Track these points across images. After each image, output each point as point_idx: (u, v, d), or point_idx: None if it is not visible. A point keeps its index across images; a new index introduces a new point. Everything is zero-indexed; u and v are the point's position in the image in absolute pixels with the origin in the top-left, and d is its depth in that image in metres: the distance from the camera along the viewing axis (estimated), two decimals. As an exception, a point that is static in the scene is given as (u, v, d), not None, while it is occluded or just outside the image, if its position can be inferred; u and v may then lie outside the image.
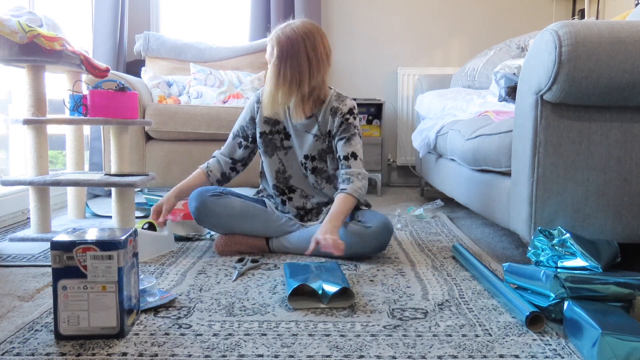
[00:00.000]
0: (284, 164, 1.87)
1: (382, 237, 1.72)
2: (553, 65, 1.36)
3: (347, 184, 1.75)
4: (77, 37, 3.19)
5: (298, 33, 1.71)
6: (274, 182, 1.89)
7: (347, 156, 1.78)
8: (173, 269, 1.62)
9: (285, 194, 1.89)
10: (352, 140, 1.79)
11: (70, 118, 2.03)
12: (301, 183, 1.88)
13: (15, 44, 1.86)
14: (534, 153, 1.46)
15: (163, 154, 2.78)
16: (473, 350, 1.05)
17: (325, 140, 1.83)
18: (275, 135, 1.86)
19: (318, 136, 1.82)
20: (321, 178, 1.86)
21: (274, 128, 1.86)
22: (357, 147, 1.80)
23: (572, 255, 1.28)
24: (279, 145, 1.86)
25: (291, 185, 1.88)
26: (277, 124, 1.86)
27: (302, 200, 1.88)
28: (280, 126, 1.86)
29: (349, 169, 1.77)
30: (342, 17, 3.75)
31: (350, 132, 1.79)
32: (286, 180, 1.88)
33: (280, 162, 1.87)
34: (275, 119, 1.85)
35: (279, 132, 1.86)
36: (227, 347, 1.06)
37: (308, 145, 1.83)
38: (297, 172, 1.88)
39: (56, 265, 1.06)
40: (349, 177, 1.76)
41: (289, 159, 1.87)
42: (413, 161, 3.63)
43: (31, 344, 1.07)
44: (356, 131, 1.81)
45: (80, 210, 2.39)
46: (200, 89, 3.06)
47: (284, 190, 1.89)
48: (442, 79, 3.34)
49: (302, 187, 1.88)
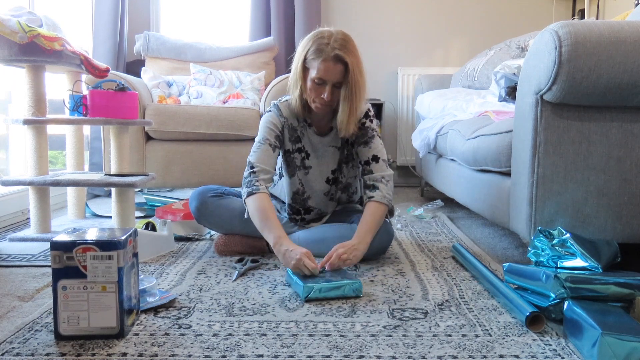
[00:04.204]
0: (304, 185, 1.80)
1: (382, 242, 1.71)
2: (553, 66, 1.36)
3: (373, 190, 1.69)
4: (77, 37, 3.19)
5: (356, 48, 1.60)
6: (290, 201, 1.83)
7: (368, 160, 1.73)
8: (173, 269, 1.62)
9: (300, 214, 1.84)
10: (372, 143, 1.73)
11: (70, 118, 2.03)
12: (319, 203, 1.83)
13: (15, 44, 1.86)
14: (534, 153, 1.46)
15: (163, 154, 2.78)
16: (473, 351, 1.05)
17: (344, 150, 1.78)
18: (295, 154, 1.78)
19: (337, 147, 1.77)
20: (337, 188, 1.83)
21: (294, 146, 1.77)
22: (377, 149, 1.73)
23: (572, 255, 1.28)
24: (299, 164, 1.78)
25: (309, 207, 1.83)
26: (298, 142, 1.77)
27: (315, 217, 1.86)
28: (300, 144, 1.77)
29: (372, 174, 1.71)
30: (342, 17, 3.75)
31: (368, 136, 1.73)
32: (304, 201, 1.82)
33: (300, 183, 1.80)
34: (297, 136, 1.76)
35: (300, 151, 1.78)
36: (227, 347, 1.06)
37: (329, 159, 1.78)
38: (317, 193, 1.81)
39: (56, 266, 1.06)
40: (373, 182, 1.70)
41: (309, 180, 1.80)
42: (413, 161, 3.63)
43: (31, 344, 1.07)
44: (374, 133, 1.75)
45: (80, 210, 2.39)
46: (200, 89, 3.06)
47: (299, 210, 1.83)
48: (442, 79, 3.34)
49: (319, 207, 1.84)
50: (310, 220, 1.88)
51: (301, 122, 1.76)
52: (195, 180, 2.76)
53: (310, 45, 1.59)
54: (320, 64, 1.57)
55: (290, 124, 1.75)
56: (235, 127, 2.77)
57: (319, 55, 1.57)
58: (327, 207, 1.86)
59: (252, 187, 1.64)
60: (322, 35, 1.58)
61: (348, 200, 1.90)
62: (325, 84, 1.59)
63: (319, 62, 1.57)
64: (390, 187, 1.71)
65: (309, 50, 1.59)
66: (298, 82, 1.65)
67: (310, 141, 1.77)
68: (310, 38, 1.61)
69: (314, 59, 1.58)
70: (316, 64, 1.58)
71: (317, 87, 1.61)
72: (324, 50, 1.56)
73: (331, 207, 1.87)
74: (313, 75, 1.59)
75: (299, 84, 1.65)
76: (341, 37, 1.58)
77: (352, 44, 1.59)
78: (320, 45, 1.57)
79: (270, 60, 3.39)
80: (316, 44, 1.58)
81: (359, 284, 1.37)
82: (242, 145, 2.82)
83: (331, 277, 1.40)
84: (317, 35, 1.60)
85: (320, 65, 1.57)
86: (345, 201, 1.89)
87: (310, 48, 1.59)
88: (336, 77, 1.58)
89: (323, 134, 1.77)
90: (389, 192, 1.69)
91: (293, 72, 1.67)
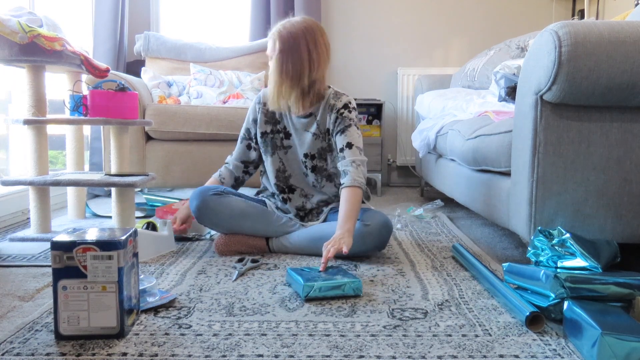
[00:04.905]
0: (284, 163, 1.88)
1: (382, 236, 1.72)
2: (553, 66, 1.36)
3: (344, 176, 1.74)
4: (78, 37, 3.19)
5: (298, 28, 1.73)
6: (274, 180, 1.89)
7: (342, 148, 1.78)
8: (173, 269, 1.62)
9: (285, 192, 1.90)
10: (347, 131, 1.78)
11: (70, 118, 2.03)
12: (301, 182, 1.89)
13: (16, 44, 1.86)
14: (533, 153, 1.46)
15: (163, 154, 2.78)
16: (473, 350, 1.05)
17: (325, 139, 1.83)
18: (275, 135, 1.88)
19: (317, 135, 1.83)
20: (321, 177, 1.87)
21: (275, 127, 1.88)
22: (352, 137, 1.78)
23: (572, 255, 1.28)
24: (279, 144, 1.87)
25: (291, 185, 1.89)
26: (277, 124, 1.87)
27: (302, 200, 1.89)
28: (280, 125, 1.87)
29: (344, 160, 1.77)
30: (342, 17, 3.75)
31: (344, 124, 1.79)
32: (286, 179, 1.89)
33: (281, 162, 1.88)
34: (276, 118, 1.86)
35: (279, 132, 1.87)
36: (227, 347, 1.06)
37: (307, 143, 1.84)
38: (297, 171, 1.88)
39: (56, 265, 1.06)
40: (344, 169, 1.75)
41: (289, 158, 1.88)
42: (413, 161, 3.63)
43: (31, 344, 1.08)
44: (351, 122, 1.80)
45: (80, 210, 2.39)
46: (200, 89, 3.06)
47: (284, 188, 1.90)
48: (442, 79, 3.34)
49: (301, 187, 1.89)
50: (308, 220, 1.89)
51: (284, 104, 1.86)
52: (195, 180, 2.76)
53: None
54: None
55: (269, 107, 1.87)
56: (235, 127, 2.77)
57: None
58: (312, 192, 1.89)
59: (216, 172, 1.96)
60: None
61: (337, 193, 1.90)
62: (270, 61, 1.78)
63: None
64: (362, 170, 1.74)
65: None
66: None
67: (292, 122, 1.86)
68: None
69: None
70: None
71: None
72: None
73: (317, 195, 1.89)
74: None
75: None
76: (291, 20, 1.77)
77: (294, 24, 1.75)
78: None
79: (271, 61, 3.39)
80: None
81: (359, 283, 1.37)
82: (242, 145, 2.82)
83: (331, 276, 1.40)
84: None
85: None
86: (333, 193, 1.90)
87: None
88: (269, 52, 1.77)
89: (302, 117, 1.84)
90: (359, 175, 1.73)
91: None
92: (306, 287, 1.33)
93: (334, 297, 1.35)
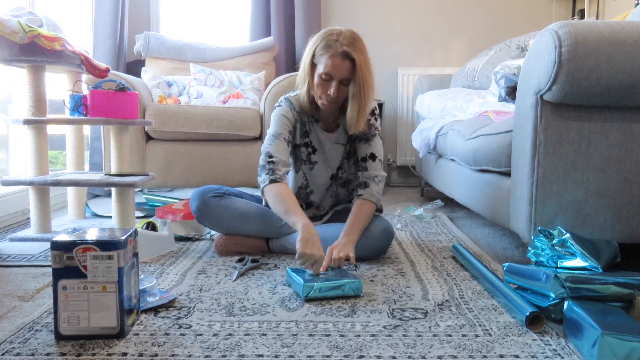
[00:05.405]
0: (308, 180, 1.82)
1: (383, 241, 1.72)
2: (553, 66, 1.36)
3: (363, 188, 1.72)
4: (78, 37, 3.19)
5: (365, 47, 1.62)
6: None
7: (365, 157, 1.76)
8: (173, 269, 1.62)
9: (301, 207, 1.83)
10: (372, 141, 1.76)
11: (70, 118, 2.03)
12: (321, 198, 1.85)
13: (16, 44, 1.86)
14: (534, 153, 1.46)
15: (163, 154, 2.78)
16: (473, 350, 1.05)
17: (347, 146, 1.80)
18: (302, 149, 1.80)
19: (343, 144, 1.79)
20: (337, 184, 1.85)
21: (302, 141, 1.79)
22: (376, 148, 1.76)
23: (572, 255, 1.28)
24: (305, 159, 1.80)
25: (311, 201, 1.85)
26: (305, 137, 1.79)
27: (314, 212, 1.87)
28: (308, 139, 1.79)
29: (366, 172, 1.74)
30: (342, 17, 3.75)
31: (370, 133, 1.76)
32: (307, 196, 1.84)
33: (304, 178, 1.82)
34: (305, 130, 1.78)
35: (307, 145, 1.79)
36: (227, 347, 1.06)
37: (338, 156, 1.79)
38: (320, 188, 1.83)
39: (56, 265, 1.06)
40: (365, 180, 1.73)
41: (314, 175, 1.82)
42: (413, 161, 3.63)
43: (31, 344, 1.08)
44: (377, 132, 1.78)
45: (80, 210, 2.39)
46: (200, 89, 3.06)
47: (302, 205, 1.82)
48: (442, 79, 3.34)
49: (320, 202, 1.86)
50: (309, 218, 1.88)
51: (309, 117, 1.78)
52: (196, 180, 2.76)
53: (320, 41, 1.61)
54: (327, 59, 1.58)
55: (301, 118, 1.76)
56: (235, 127, 2.77)
57: (327, 51, 1.58)
58: (327, 202, 1.88)
59: (274, 175, 1.64)
60: (332, 32, 1.60)
61: (348, 197, 1.90)
62: (332, 80, 1.60)
63: (327, 58, 1.58)
64: (381, 188, 1.73)
65: (317, 46, 1.61)
66: (306, 78, 1.66)
67: (317, 137, 1.79)
68: (320, 35, 1.63)
69: (322, 54, 1.60)
70: (324, 59, 1.59)
71: (324, 83, 1.62)
72: (332, 46, 1.57)
73: (330, 201, 1.88)
74: (320, 70, 1.61)
75: (307, 80, 1.66)
76: (350, 34, 1.60)
77: (361, 43, 1.61)
78: (329, 41, 1.58)
79: (270, 61, 3.39)
80: (325, 40, 1.59)
81: (359, 283, 1.37)
82: (242, 145, 2.82)
83: (331, 276, 1.40)
84: (327, 32, 1.62)
85: (327, 60, 1.58)
86: (345, 197, 1.89)
87: (319, 44, 1.61)
88: (343, 73, 1.59)
89: (330, 130, 1.79)
90: (378, 192, 1.72)
91: (302, 67, 1.68)
92: (306, 288, 1.33)
93: (334, 297, 1.35)
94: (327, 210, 1.90)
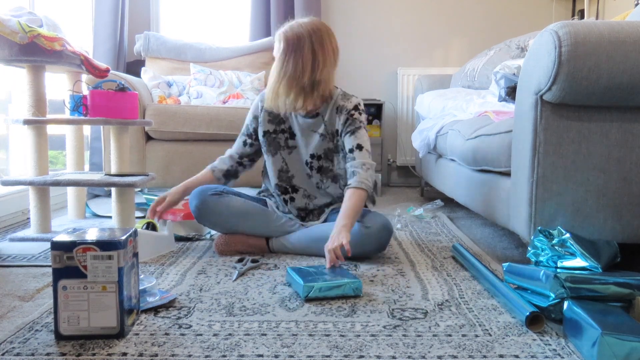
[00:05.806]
0: (287, 163, 1.87)
1: (382, 238, 1.72)
2: (553, 66, 1.36)
3: (352, 177, 1.74)
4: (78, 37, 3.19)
5: (305, 28, 1.73)
6: (276, 181, 1.88)
7: (352, 149, 1.78)
8: (173, 269, 1.62)
9: (288, 193, 1.89)
10: (357, 133, 1.79)
11: (70, 118, 2.03)
12: (304, 183, 1.88)
13: (16, 44, 1.86)
14: (533, 153, 1.46)
15: (163, 154, 2.78)
16: (473, 350, 1.05)
17: (332, 140, 1.82)
18: (279, 135, 1.86)
19: (324, 135, 1.82)
20: (326, 177, 1.86)
21: (279, 127, 1.86)
22: (362, 139, 1.79)
23: (572, 255, 1.28)
24: (283, 144, 1.86)
25: (294, 185, 1.88)
26: (282, 123, 1.86)
27: (305, 201, 1.88)
28: (285, 125, 1.86)
29: (354, 161, 1.76)
30: (342, 17, 3.75)
31: (355, 126, 1.79)
32: (289, 179, 1.88)
33: (283, 161, 1.87)
34: (280, 118, 1.85)
35: (283, 132, 1.86)
36: (227, 347, 1.06)
37: (314, 144, 1.83)
38: (300, 172, 1.87)
39: (56, 265, 1.06)
40: (353, 170, 1.75)
41: (292, 159, 1.87)
42: (413, 161, 3.63)
43: (31, 344, 1.08)
44: (361, 125, 1.80)
45: (80, 210, 2.39)
46: (200, 89, 3.06)
47: (287, 189, 1.88)
48: (442, 79, 3.34)
49: (305, 187, 1.88)
50: (309, 220, 1.88)
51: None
52: (195, 180, 2.75)
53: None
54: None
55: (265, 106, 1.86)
56: (235, 127, 2.76)
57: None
58: (316, 194, 1.88)
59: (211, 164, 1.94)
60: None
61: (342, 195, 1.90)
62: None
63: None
64: (370, 174, 1.74)
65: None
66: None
67: (297, 122, 1.84)
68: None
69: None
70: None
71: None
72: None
73: (321, 196, 1.88)
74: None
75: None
76: (299, 20, 1.76)
77: (306, 27, 1.74)
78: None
79: (270, 60, 3.38)
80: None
81: (359, 283, 1.37)
82: (242, 145, 2.82)
83: (331, 276, 1.40)
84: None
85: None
86: (339, 195, 1.89)
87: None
88: (275, 52, 1.78)
89: (309, 117, 1.83)
90: (367, 178, 1.72)
91: None
92: (306, 288, 1.33)
93: (334, 297, 1.35)
94: (323, 208, 1.89)
